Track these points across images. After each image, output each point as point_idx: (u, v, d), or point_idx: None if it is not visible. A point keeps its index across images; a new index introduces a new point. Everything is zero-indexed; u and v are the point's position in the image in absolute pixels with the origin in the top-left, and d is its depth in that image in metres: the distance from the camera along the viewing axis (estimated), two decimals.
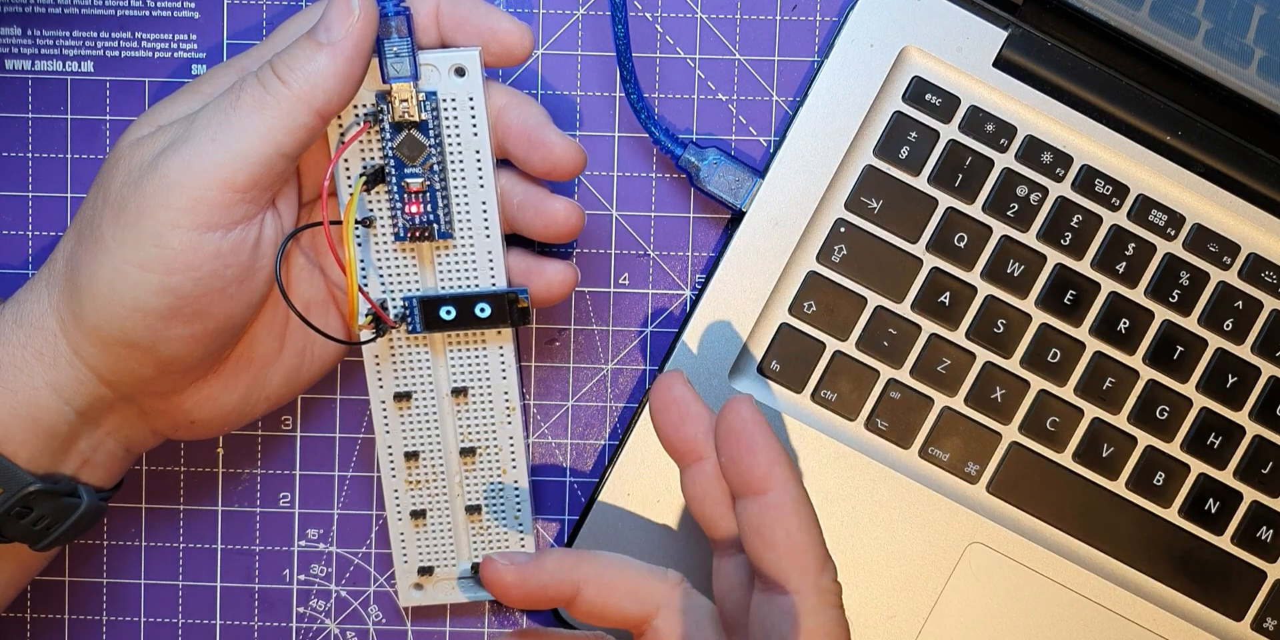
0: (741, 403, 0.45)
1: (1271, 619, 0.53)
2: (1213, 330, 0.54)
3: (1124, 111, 0.53)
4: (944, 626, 0.53)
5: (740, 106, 0.55)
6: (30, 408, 0.45)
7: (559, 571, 0.46)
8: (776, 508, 0.44)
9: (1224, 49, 0.53)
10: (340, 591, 0.55)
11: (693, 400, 0.46)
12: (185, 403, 0.48)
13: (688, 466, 0.47)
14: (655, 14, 0.55)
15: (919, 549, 0.53)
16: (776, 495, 0.44)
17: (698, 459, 0.46)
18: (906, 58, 0.53)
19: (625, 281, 0.55)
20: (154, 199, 0.44)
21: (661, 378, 0.47)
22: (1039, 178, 0.53)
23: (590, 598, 0.46)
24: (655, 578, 0.46)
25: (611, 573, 0.46)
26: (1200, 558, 0.53)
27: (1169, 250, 0.53)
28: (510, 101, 0.48)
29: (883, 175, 0.53)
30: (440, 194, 0.48)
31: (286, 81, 0.44)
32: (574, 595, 0.45)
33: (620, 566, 0.46)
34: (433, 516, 0.51)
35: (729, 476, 0.45)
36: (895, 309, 0.53)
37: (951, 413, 0.53)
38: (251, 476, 0.55)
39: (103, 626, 0.55)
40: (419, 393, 0.50)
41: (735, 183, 0.53)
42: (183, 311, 0.45)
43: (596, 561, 0.46)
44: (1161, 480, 0.53)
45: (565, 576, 0.45)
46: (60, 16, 0.54)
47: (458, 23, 0.47)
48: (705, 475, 0.46)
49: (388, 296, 0.49)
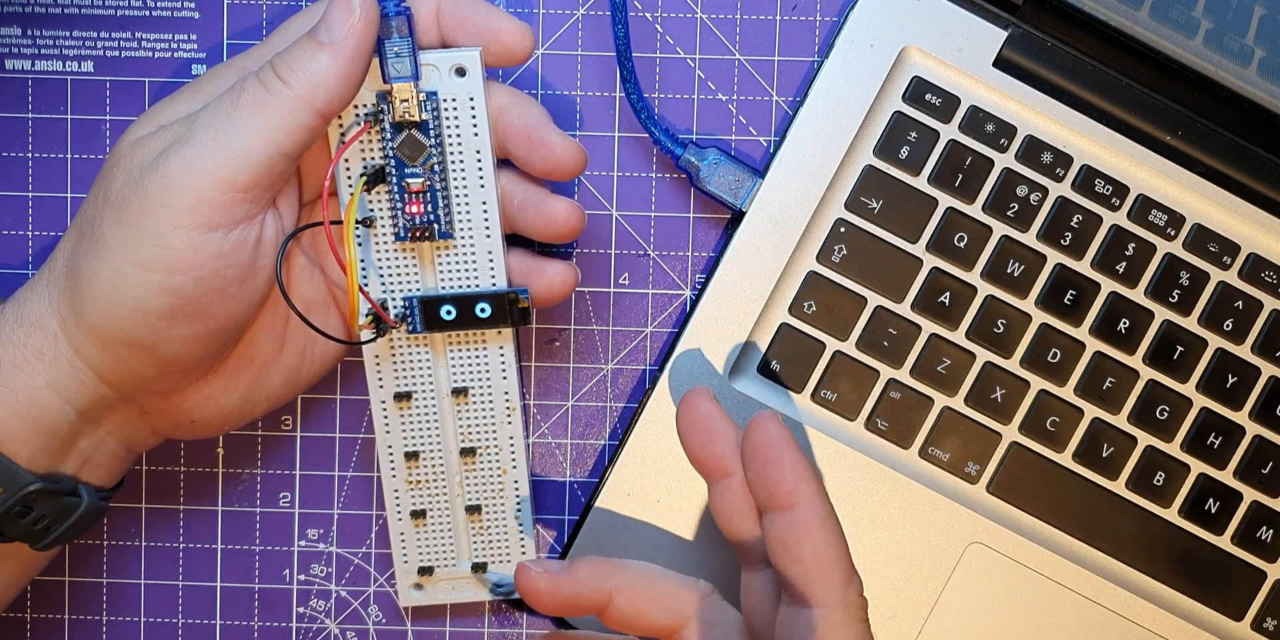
0: (768, 419, 0.46)
1: (1271, 619, 0.53)
2: (1213, 330, 0.54)
3: (1124, 111, 0.53)
4: (944, 626, 0.53)
5: (740, 106, 0.55)
6: (31, 407, 0.45)
7: (591, 580, 0.46)
8: (803, 522, 0.44)
9: (1224, 49, 0.53)
10: (340, 591, 0.55)
11: (719, 417, 0.47)
12: (186, 402, 0.48)
13: (715, 482, 0.47)
14: (655, 14, 0.55)
15: (919, 549, 0.53)
16: (803, 510, 0.44)
17: (725, 475, 0.47)
18: (906, 58, 0.53)
19: (625, 281, 0.55)
20: (155, 199, 0.44)
21: (688, 396, 0.47)
22: (1039, 178, 0.53)
23: (622, 607, 0.46)
24: (685, 588, 0.46)
25: (643, 582, 0.46)
26: (1200, 558, 0.53)
27: (1169, 250, 0.54)
28: (511, 101, 0.48)
29: (883, 175, 0.53)
30: (441, 194, 0.48)
31: (288, 81, 0.44)
32: (606, 604, 0.46)
33: (651, 576, 0.46)
34: (433, 516, 0.51)
35: (756, 492, 0.46)
36: (895, 309, 0.53)
37: (951, 413, 0.53)
38: (251, 476, 0.55)
39: (103, 626, 0.55)
40: (419, 393, 0.50)
41: (735, 183, 0.53)
42: (183, 311, 0.45)
43: (628, 571, 0.46)
44: (1161, 480, 0.53)
45: (598, 585, 0.46)
46: (60, 16, 0.54)
47: (458, 23, 0.47)
48: (732, 491, 0.47)
49: (388, 296, 0.49)
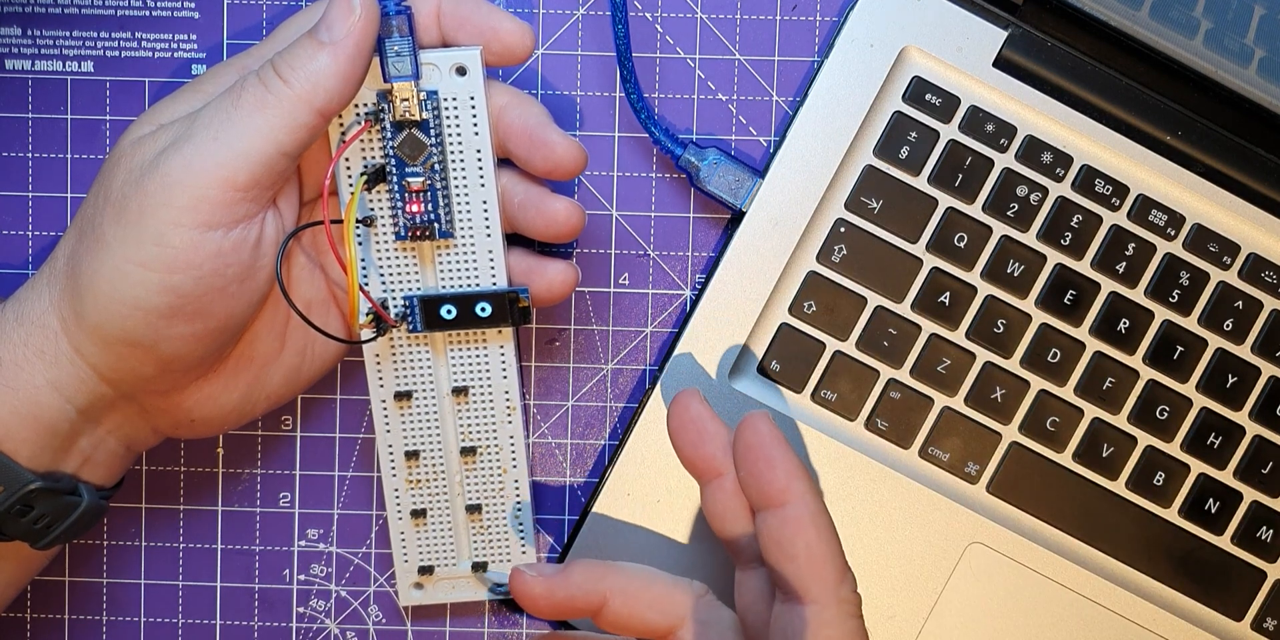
0: (759, 418, 0.46)
1: (1271, 619, 0.53)
2: (1213, 330, 0.54)
3: (1124, 111, 0.53)
4: (944, 626, 0.53)
5: (740, 106, 0.55)
6: (31, 406, 0.45)
7: (585, 583, 0.46)
8: (795, 520, 0.44)
9: (1224, 49, 0.53)
10: (340, 591, 0.55)
11: (710, 418, 0.47)
12: (186, 401, 0.48)
13: (707, 483, 0.47)
14: (655, 14, 0.55)
15: (919, 549, 0.53)
16: (795, 508, 0.45)
17: (717, 475, 0.47)
18: (906, 58, 0.53)
19: (625, 281, 0.55)
20: (155, 197, 0.44)
21: (678, 397, 0.47)
22: (1039, 178, 0.53)
23: (616, 609, 0.46)
24: (680, 589, 0.46)
25: (637, 584, 0.46)
26: (1200, 558, 0.53)
27: (1169, 250, 0.54)
28: (511, 101, 0.48)
29: (883, 175, 0.53)
30: (441, 193, 0.48)
31: (288, 81, 0.44)
32: (600, 606, 0.46)
33: (646, 578, 0.46)
34: (433, 516, 0.51)
35: (748, 491, 0.46)
36: (895, 309, 0.53)
37: (951, 413, 0.53)
38: (251, 476, 0.55)
39: (103, 626, 0.54)
40: (419, 392, 0.50)
41: (735, 183, 0.53)
42: (184, 310, 0.45)
43: (622, 573, 0.46)
44: (1161, 480, 0.53)
45: (592, 587, 0.46)
46: (60, 16, 0.54)
47: (459, 22, 0.47)
48: (725, 491, 0.46)
49: (388, 295, 0.49)
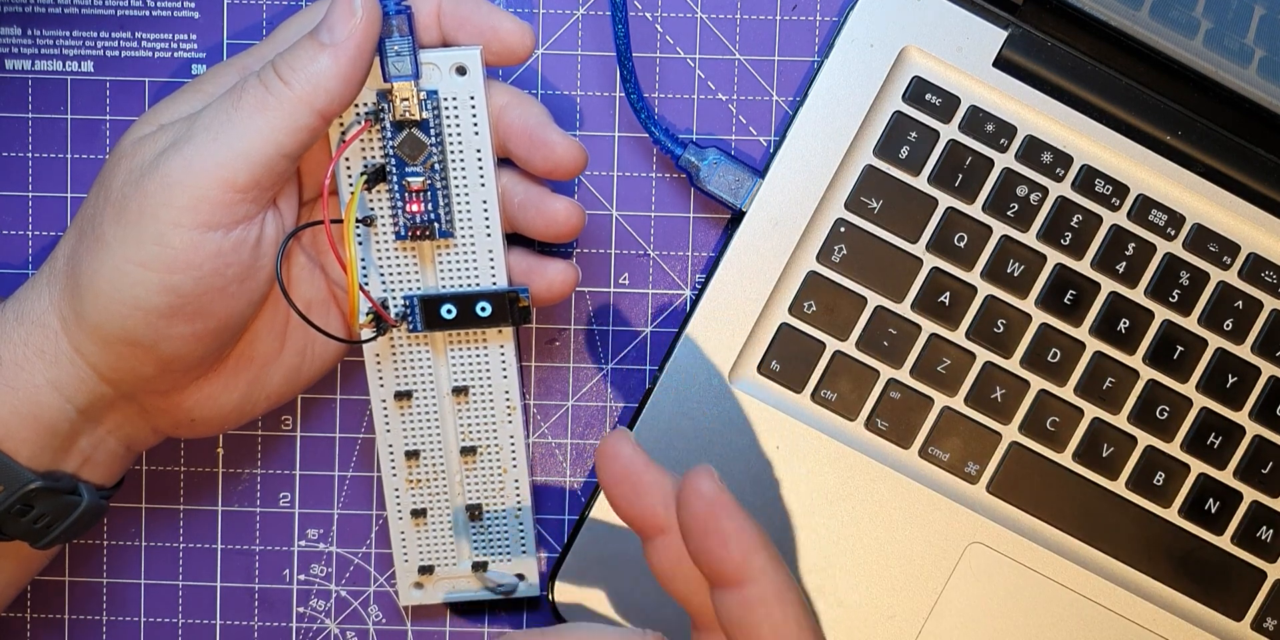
0: (701, 478, 0.40)
1: (1271, 619, 0.53)
2: (1213, 330, 0.54)
3: (1124, 111, 0.53)
4: (944, 626, 0.53)
5: (740, 106, 0.55)
6: (31, 405, 0.45)
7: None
8: (759, 601, 0.39)
9: (1224, 49, 0.53)
10: (340, 591, 0.55)
11: (644, 466, 0.41)
12: (186, 401, 0.48)
13: (650, 539, 0.42)
14: (655, 14, 0.55)
15: (919, 549, 0.53)
16: (756, 587, 0.39)
17: (660, 532, 0.41)
18: (906, 58, 0.53)
19: (625, 281, 0.55)
20: (155, 198, 0.44)
21: (604, 445, 0.42)
22: (1039, 178, 0.53)
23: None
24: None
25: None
26: (1200, 558, 0.53)
27: (1169, 250, 0.54)
28: (511, 100, 0.48)
29: (883, 175, 0.53)
30: (441, 193, 0.48)
31: (288, 82, 0.44)
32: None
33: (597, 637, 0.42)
34: (433, 515, 0.51)
35: (701, 566, 0.40)
36: (895, 309, 0.53)
37: (951, 413, 0.53)
38: (251, 476, 0.55)
39: (103, 626, 0.54)
40: (419, 392, 0.50)
41: (735, 183, 0.53)
42: (184, 310, 0.45)
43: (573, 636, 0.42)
44: (1161, 480, 0.53)
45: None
46: (60, 16, 0.54)
47: (459, 22, 0.47)
48: (671, 551, 0.41)
49: (388, 295, 0.49)
